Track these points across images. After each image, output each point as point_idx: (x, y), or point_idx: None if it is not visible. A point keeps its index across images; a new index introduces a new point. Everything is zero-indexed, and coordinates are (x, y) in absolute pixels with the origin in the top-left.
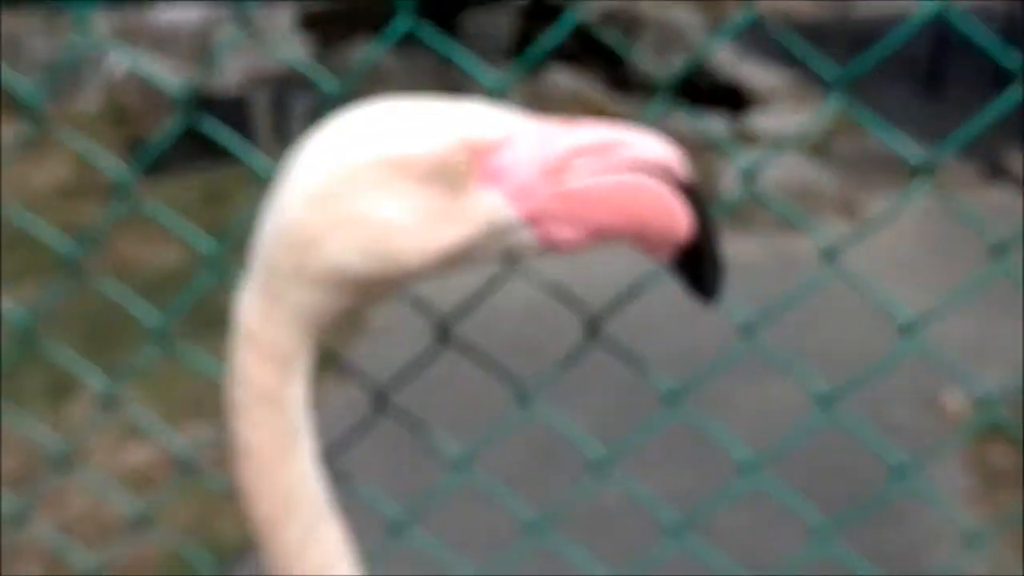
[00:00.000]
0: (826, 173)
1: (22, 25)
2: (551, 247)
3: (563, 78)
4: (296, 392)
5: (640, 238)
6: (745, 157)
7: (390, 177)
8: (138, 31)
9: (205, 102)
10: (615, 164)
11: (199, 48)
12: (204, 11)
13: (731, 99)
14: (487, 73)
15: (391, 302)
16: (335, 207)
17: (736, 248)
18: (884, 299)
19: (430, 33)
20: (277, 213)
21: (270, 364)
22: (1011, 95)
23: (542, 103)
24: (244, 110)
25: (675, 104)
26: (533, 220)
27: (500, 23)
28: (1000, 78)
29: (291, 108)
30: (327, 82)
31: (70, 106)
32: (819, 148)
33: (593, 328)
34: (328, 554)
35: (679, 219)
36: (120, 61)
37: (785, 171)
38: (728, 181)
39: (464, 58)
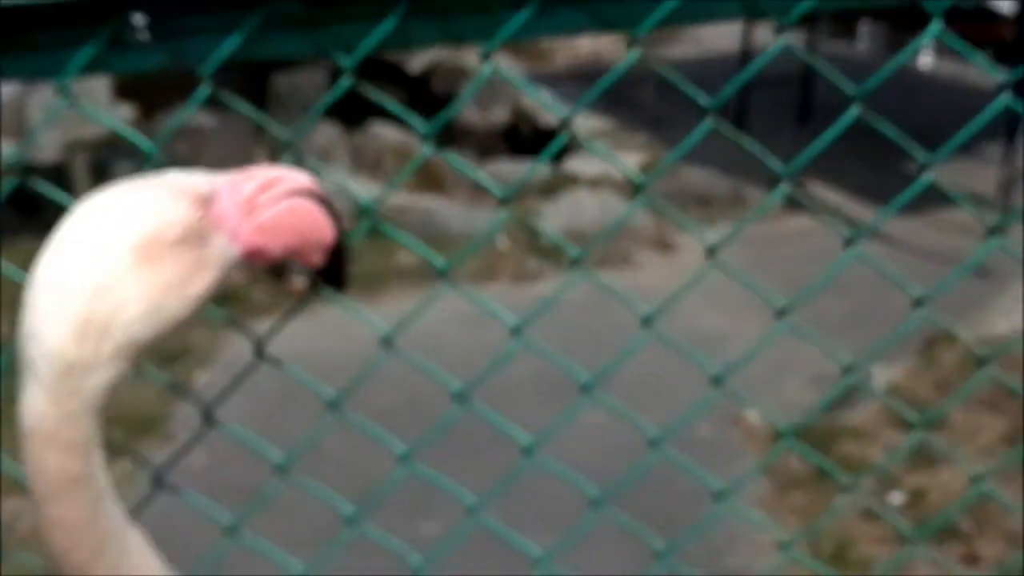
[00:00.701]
0: (641, 211)
1: None
2: (251, 271)
3: (386, 131)
4: (97, 461)
5: (308, 249)
6: (565, 199)
7: (150, 253)
8: None
9: (24, 171)
10: (281, 194)
11: (14, 119)
12: (17, 83)
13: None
14: (312, 130)
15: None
16: (115, 296)
17: (557, 284)
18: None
19: (238, 99)
20: (56, 315)
21: (71, 455)
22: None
23: (366, 156)
24: (64, 177)
25: (500, 150)
26: (245, 254)
27: (311, 81)
28: (799, 112)
29: (112, 173)
30: (148, 144)
31: None
32: (632, 189)
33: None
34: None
35: (328, 227)
36: None
37: (603, 211)
38: (550, 222)
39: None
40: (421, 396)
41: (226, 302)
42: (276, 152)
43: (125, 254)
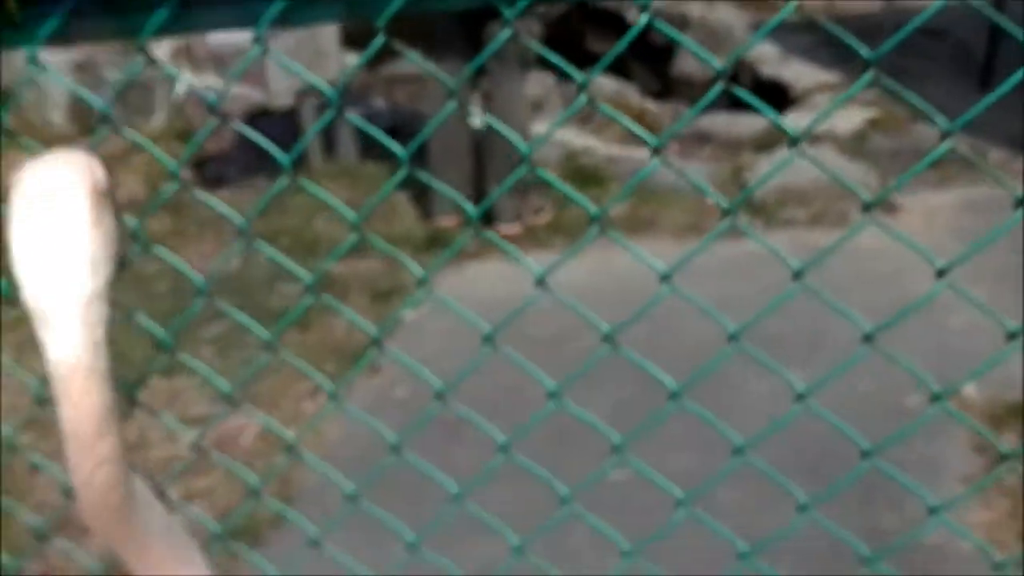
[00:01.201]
0: (862, 170)
1: (99, 53)
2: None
3: (602, 81)
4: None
5: None
6: (782, 155)
7: (99, 203)
8: (198, 52)
9: (260, 115)
10: None
11: (253, 66)
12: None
13: (773, 97)
14: (526, 79)
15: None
16: (96, 237)
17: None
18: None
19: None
20: (74, 255)
21: (105, 384)
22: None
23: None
24: (295, 123)
25: (717, 103)
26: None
27: (527, 30)
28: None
29: (337, 118)
30: (332, 92)
31: (143, 127)
32: (855, 146)
33: (611, 338)
34: None
35: None
36: (182, 82)
37: (821, 168)
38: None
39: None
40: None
41: (435, 246)
42: (489, 99)
43: (91, 203)
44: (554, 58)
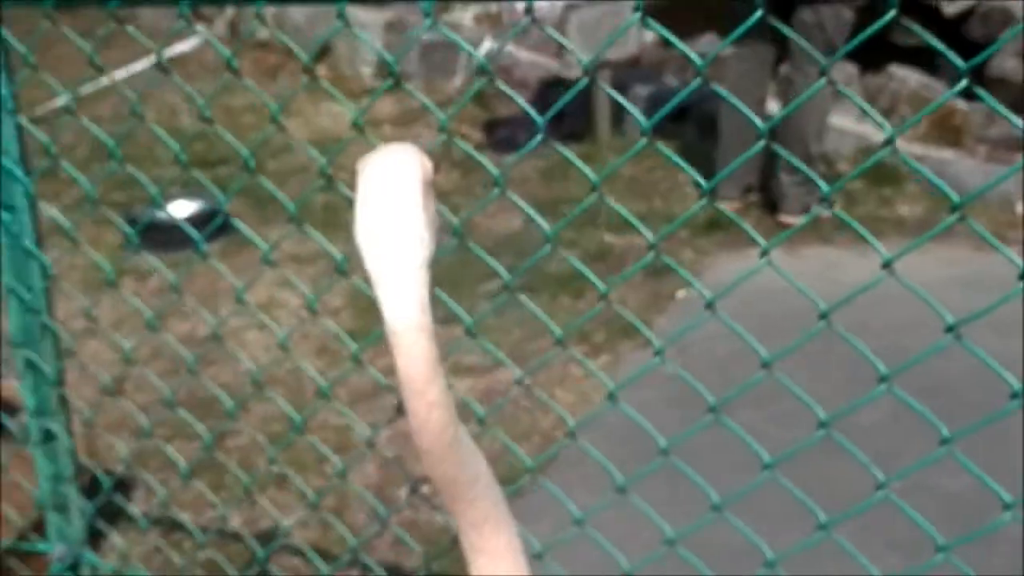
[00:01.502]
0: None
1: (410, 13)
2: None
3: (906, 74)
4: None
5: None
6: None
7: (427, 189)
8: (501, 19)
9: (554, 84)
10: None
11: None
12: (561, 2)
13: None
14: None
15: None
16: (423, 219)
17: None
18: None
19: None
20: (408, 232)
21: (432, 340)
22: None
23: (881, 99)
24: (588, 93)
25: None
26: None
27: (837, 17)
28: None
29: (629, 93)
30: (699, 61)
31: (444, 86)
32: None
33: (955, 329)
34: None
35: None
36: (484, 47)
37: None
38: None
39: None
40: (905, 348)
41: (714, 229)
42: (788, 86)
43: (421, 190)
44: (935, 43)
